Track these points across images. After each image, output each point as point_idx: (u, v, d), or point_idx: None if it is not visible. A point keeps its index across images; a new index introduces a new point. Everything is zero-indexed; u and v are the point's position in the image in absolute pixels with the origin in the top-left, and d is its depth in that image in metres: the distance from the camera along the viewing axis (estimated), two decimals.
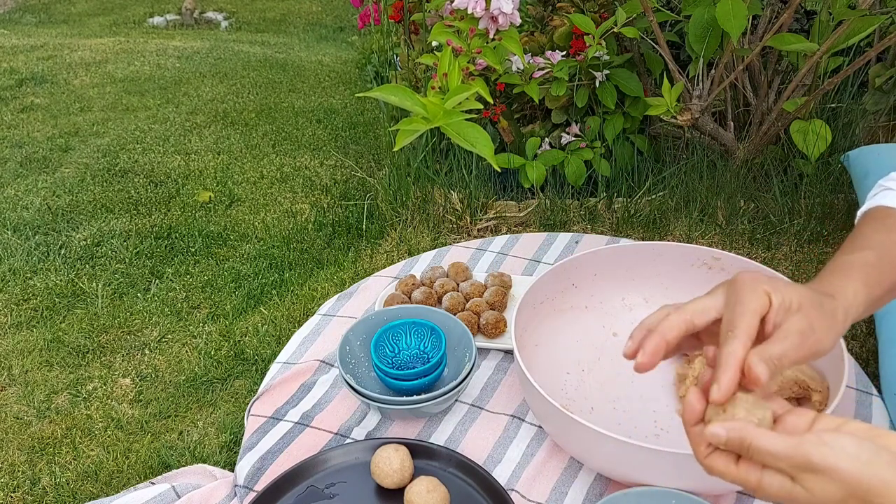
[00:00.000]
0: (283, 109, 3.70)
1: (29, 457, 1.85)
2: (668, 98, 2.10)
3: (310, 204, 2.85)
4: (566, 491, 0.91)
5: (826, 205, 2.41)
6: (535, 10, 2.67)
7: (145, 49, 4.66)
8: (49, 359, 2.15)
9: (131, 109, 3.75)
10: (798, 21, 2.69)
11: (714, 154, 2.53)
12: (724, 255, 1.07)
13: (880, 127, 2.54)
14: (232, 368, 2.09)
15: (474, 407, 1.04)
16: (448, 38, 1.38)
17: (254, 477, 0.96)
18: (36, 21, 5.84)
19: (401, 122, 1.08)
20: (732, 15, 1.91)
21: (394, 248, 2.53)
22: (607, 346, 1.09)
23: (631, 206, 2.49)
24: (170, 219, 2.77)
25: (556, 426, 0.89)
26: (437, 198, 2.58)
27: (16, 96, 3.94)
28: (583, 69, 2.42)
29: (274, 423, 1.03)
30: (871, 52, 2.10)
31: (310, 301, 2.32)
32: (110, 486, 1.77)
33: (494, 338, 1.12)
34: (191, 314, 2.31)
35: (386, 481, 0.90)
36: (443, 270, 1.23)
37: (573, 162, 2.48)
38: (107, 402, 2.00)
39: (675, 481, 0.83)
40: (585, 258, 1.09)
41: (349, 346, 1.05)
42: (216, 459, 1.82)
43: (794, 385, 0.93)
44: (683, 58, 2.57)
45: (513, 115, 2.57)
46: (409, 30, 2.72)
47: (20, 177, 3.10)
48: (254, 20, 5.85)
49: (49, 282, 2.44)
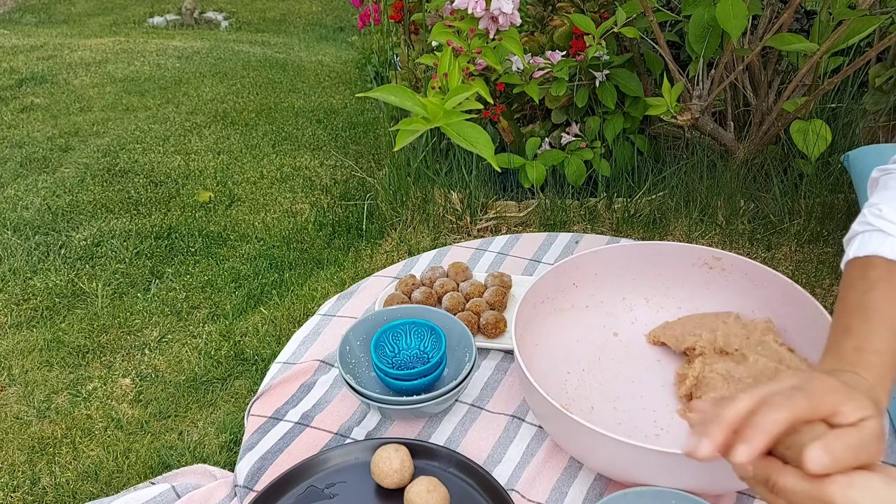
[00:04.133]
0: (283, 109, 3.70)
1: (29, 457, 1.85)
2: (668, 98, 2.10)
3: (310, 204, 2.85)
4: (566, 491, 0.91)
5: (826, 205, 2.41)
6: (535, 10, 2.67)
7: (145, 49, 4.66)
8: (49, 359, 2.15)
9: (131, 109, 3.75)
10: (798, 21, 2.69)
11: (714, 154, 2.53)
12: (725, 255, 1.07)
13: (880, 127, 2.54)
14: (232, 368, 2.09)
15: (474, 407, 1.03)
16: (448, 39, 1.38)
17: (254, 477, 0.96)
18: (36, 21, 5.84)
19: (401, 122, 1.08)
20: (732, 15, 1.91)
21: (394, 248, 2.53)
22: (607, 345, 1.09)
23: (631, 206, 2.49)
24: (170, 219, 2.77)
25: (556, 426, 0.89)
26: (437, 198, 2.58)
27: (16, 96, 3.94)
28: (583, 69, 2.42)
29: (274, 423, 1.03)
30: (871, 52, 2.09)
31: (310, 301, 2.32)
32: (110, 486, 1.77)
33: (494, 338, 1.12)
34: (191, 314, 2.31)
35: (386, 481, 0.90)
36: (443, 270, 1.23)
37: (573, 162, 2.47)
38: (107, 402, 2.00)
39: (675, 481, 0.82)
40: (586, 258, 1.09)
41: (349, 346, 1.05)
42: (216, 459, 1.82)
43: None
44: (683, 58, 2.57)
45: (513, 115, 2.57)
46: (409, 30, 2.72)
47: (20, 177, 3.10)
48: (254, 20, 5.85)
49: (49, 282, 2.44)
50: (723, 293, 1.09)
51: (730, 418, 0.58)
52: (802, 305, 0.98)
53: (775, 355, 0.96)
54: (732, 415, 0.58)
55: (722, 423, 0.57)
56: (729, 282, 1.08)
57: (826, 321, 0.94)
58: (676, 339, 1.05)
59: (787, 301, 1.01)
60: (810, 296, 0.98)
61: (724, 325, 1.03)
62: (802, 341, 0.99)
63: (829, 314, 0.94)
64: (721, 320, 1.04)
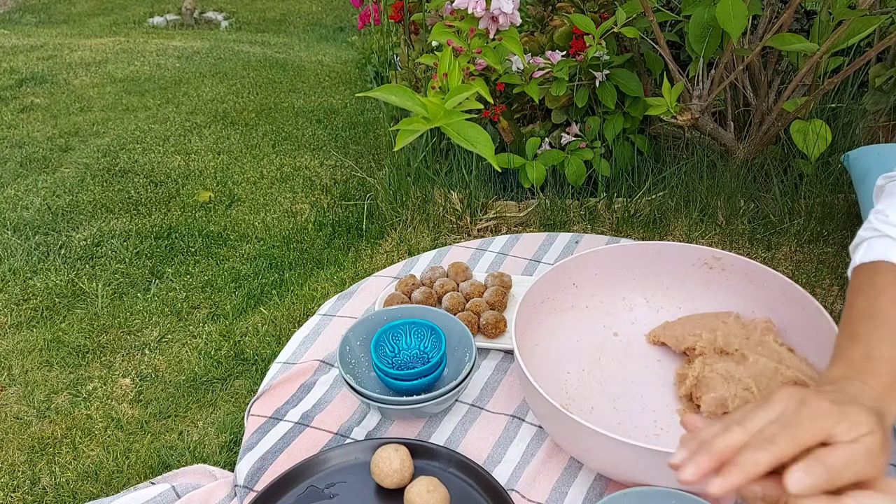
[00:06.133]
0: (283, 109, 3.70)
1: (29, 457, 1.85)
2: (668, 98, 2.10)
3: (310, 204, 2.85)
4: (566, 491, 0.91)
5: (826, 205, 2.41)
6: (535, 10, 2.68)
7: (145, 49, 4.66)
8: (49, 359, 2.15)
9: (131, 109, 3.75)
10: (798, 21, 2.69)
11: (714, 154, 2.53)
12: (725, 255, 1.07)
13: (880, 127, 2.54)
14: (232, 368, 2.09)
15: (474, 407, 1.03)
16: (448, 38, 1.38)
17: (254, 477, 0.96)
18: (36, 21, 5.84)
19: (401, 122, 1.08)
20: (732, 15, 1.91)
21: (394, 248, 2.53)
22: (607, 345, 1.09)
23: (631, 206, 2.49)
24: (170, 219, 2.77)
25: (556, 426, 0.89)
26: (437, 198, 2.58)
27: (16, 96, 3.94)
28: (583, 69, 2.42)
29: (274, 423, 1.03)
30: (871, 52, 2.09)
31: (310, 301, 2.32)
32: (110, 486, 1.77)
33: (494, 338, 1.12)
34: (191, 314, 2.31)
35: (386, 481, 0.90)
36: (443, 270, 1.23)
37: (573, 162, 2.47)
38: (107, 402, 2.00)
39: (675, 481, 0.82)
40: (585, 258, 1.09)
41: (349, 346, 1.05)
42: (216, 459, 1.82)
43: (794, 385, 0.93)
44: (683, 58, 2.57)
45: (513, 115, 2.57)
46: (409, 30, 2.72)
47: (20, 177, 3.10)
48: (254, 20, 5.85)
49: (49, 282, 2.44)
50: (723, 293, 1.09)
51: (719, 450, 0.58)
52: (802, 305, 0.98)
53: (775, 355, 0.96)
54: (722, 447, 0.58)
55: (711, 454, 0.58)
56: (729, 282, 1.08)
57: (826, 321, 0.94)
58: (676, 339, 1.05)
59: (787, 301, 1.01)
60: (810, 296, 0.98)
61: (724, 325, 1.03)
62: (802, 341, 0.99)
63: (829, 314, 0.94)
64: (721, 320, 1.04)
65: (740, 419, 0.60)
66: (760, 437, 0.58)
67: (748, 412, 0.61)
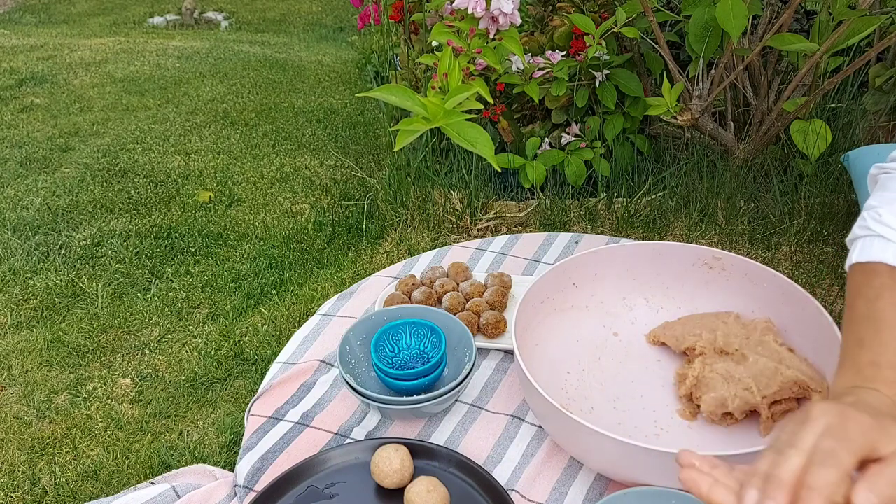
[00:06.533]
0: (283, 109, 3.70)
1: (29, 457, 1.85)
2: (668, 98, 2.10)
3: (310, 204, 2.85)
4: (566, 491, 0.91)
5: (826, 205, 2.41)
6: (535, 10, 2.67)
7: (145, 49, 4.66)
8: (49, 359, 2.15)
9: (131, 109, 3.75)
10: (798, 21, 2.69)
11: (714, 154, 2.53)
12: (725, 255, 1.07)
13: (880, 127, 2.54)
14: (232, 368, 2.09)
15: (474, 407, 1.04)
16: (448, 38, 1.38)
17: (254, 477, 0.96)
18: (36, 21, 5.84)
19: (401, 122, 1.08)
20: (732, 15, 1.91)
21: (394, 248, 2.53)
22: (607, 345, 1.09)
23: (631, 206, 2.49)
24: (170, 219, 2.77)
25: (556, 426, 0.89)
26: (437, 198, 2.58)
27: (16, 96, 3.94)
28: (583, 69, 2.42)
29: (274, 423, 1.03)
30: (871, 52, 2.09)
31: (310, 301, 2.32)
32: (110, 486, 1.77)
33: (494, 338, 1.12)
34: (191, 314, 2.31)
35: (386, 481, 0.90)
36: (443, 270, 1.23)
37: (573, 162, 2.47)
38: (107, 402, 2.00)
39: (675, 481, 0.82)
40: (586, 258, 1.09)
41: (349, 346, 1.05)
42: (216, 459, 1.82)
43: (794, 385, 0.93)
44: (683, 58, 2.57)
45: (513, 115, 2.57)
46: (409, 30, 2.72)
47: (20, 177, 3.10)
48: (254, 20, 5.85)
49: (49, 282, 2.44)
50: (723, 293, 1.09)
51: (787, 479, 0.56)
52: (802, 305, 0.98)
53: (775, 355, 0.96)
54: (788, 475, 0.56)
55: (782, 486, 0.55)
56: (729, 282, 1.08)
57: (826, 321, 0.94)
58: (676, 339, 1.05)
59: (787, 301, 1.01)
60: (810, 296, 0.98)
61: (724, 325, 1.03)
62: (802, 341, 0.99)
63: (829, 314, 0.94)
64: (721, 320, 1.04)
65: (789, 441, 0.58)
66: (819, 453, 0.56)
67: (794, 433, 0.59)
